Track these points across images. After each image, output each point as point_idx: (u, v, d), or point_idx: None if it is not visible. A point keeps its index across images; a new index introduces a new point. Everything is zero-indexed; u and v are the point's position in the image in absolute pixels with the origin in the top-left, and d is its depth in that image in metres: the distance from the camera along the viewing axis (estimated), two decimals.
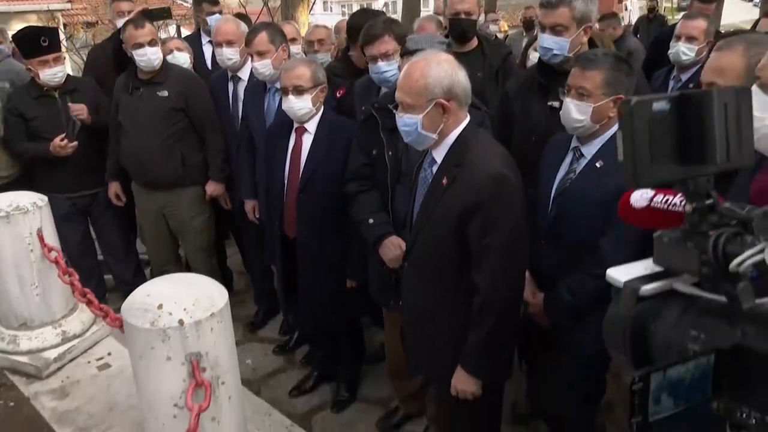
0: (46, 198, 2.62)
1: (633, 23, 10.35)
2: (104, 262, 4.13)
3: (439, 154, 2.03)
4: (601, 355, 2.29)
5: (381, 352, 3.24)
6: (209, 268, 3.74)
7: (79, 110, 3.52)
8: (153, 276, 3.98)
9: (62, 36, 4.10)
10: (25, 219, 2.51)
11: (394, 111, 2.06)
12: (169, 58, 3.76)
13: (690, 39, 3.42)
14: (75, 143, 3.50)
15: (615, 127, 2.14)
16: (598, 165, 2.11)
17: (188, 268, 4.06)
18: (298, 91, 2.71)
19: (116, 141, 3.60)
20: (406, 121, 1.98)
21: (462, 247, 1.96)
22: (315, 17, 15.14)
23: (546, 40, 2.49)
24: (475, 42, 3.27)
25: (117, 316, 2.28)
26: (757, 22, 4.45)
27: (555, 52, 2.48)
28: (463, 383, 2.02)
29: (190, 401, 1.63)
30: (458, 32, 3.23)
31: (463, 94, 1.96)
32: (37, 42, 3.41)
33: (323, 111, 2.84)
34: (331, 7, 35.92)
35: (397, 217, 2.52)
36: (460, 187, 1.93)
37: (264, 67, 3.15)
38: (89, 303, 2.42)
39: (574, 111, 2.10)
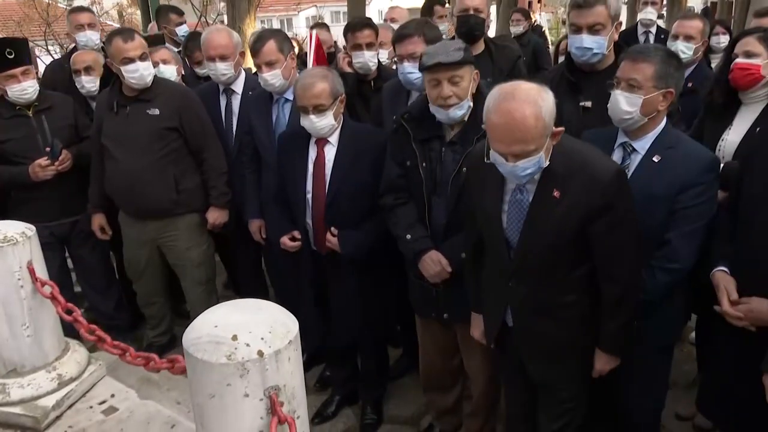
0: (33, 227, 2.36)
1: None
2: (81, 295, 3.79)
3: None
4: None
5: (397, 367, 3.14)
6: (208, 305, 3.43)
7: (64, 160, 3.24)
8: (140, 309, 3.68)
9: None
10: (14, 251, 2.26)
11: (493, 162, 1.94)
12: (161, 69, 3.51)
13: (688, 38, 3.53)
14: (58, 165, 3.20)
15: (664, 121, 2.16)
16: (655, 159, 2.14)
17: (178, 301, 3.78)
18: (320, 110, 2.57)
19: (99, 166, 3.28)
20: (526, 166, 1.88)
21: (576, 248, 1.99)
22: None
23: (585, 40, 2.47)
24: (482, 46, 3.21)
25: (140, 353, 2.07)
26: None
27: (595, 51, 2.47)
28: (605, 363, 2.15)
29: None
30: (466, 30, 3.15)
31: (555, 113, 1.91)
32: (1, 54, 3.06)
33: (343, 119, 2.72)
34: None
35: (434, 228, 2.45)
36: (577, 192, 1.91)
37: (274, 77, 2.98)
38: (100, 341, 2.17)
39: (624, 103, 2.11)
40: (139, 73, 3.07)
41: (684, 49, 3.51)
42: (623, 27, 3.80)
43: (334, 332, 2.93)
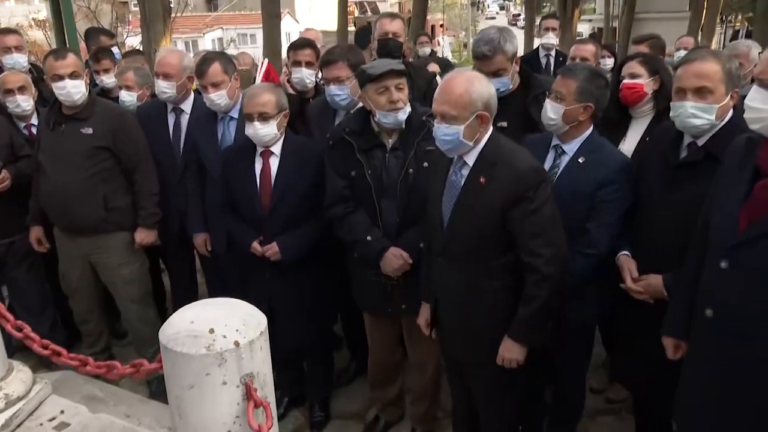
0: None
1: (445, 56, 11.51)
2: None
3: (470, 158, 2.25)
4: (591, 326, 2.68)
5: (346, 374, 3.30)
6: (145, 322, 3.46)
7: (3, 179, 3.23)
8: (77, 326, 3.62)
9: None
10: None
11: (431, 121, 2.27)
12: (121, 94, 3.56)
13: (583, 60, 3.98)
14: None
15: (590, 129, 2.52)
16: (580, 161, 2.48)
17: (112, 319, 3.74)
18: (264, 117, 2.74)
19: (38, 181, 3.28)
20: (446, 131, 2.18)
21: (501, 233, 2.20)
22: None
23: (493, 82, 2.70)
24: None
25: (102, 363, 2.14)
26: None
27: (501, 89, 2.78)
28: (509, 351, 2.26)
29: (253, 422, 1.60)
30: (386, 52, 3.45)
31: (495, 106, 2.22)
32: None
33: (285, 133, 2.90)
34: None
35: (387, 229, 2.67)
36: (501, 181, 2.17)
37: (220, 98, 3.11)
38: (56, 354, 2.21)
39: (550, 110, 2.48)
40: (67, 90, 3.11)
41: None
42: (521, 53, 4.22)
43: (279, 337, 3.05)
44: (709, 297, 1.91)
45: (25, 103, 3.55)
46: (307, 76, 3.49)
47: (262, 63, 3.92)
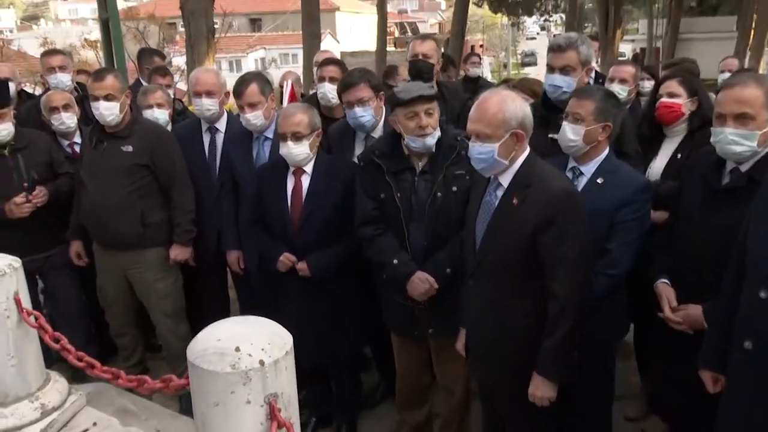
0: (19, 259, 2.44)
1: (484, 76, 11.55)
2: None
3: (505, 179, 2.24)
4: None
5: (374, 395, 3.28)
6: (177, 337, 3.51)
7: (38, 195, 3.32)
8: (113, 339, 3.71)
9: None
10: (2, 282, 2.33)
11: (467, 141, 2.28)
12: (147, 113, 3.64)
13: (622, 81, 3.91)
14: (33, 200, 3.28)
15: (607, 149, 2.48)
16: (599, 181, 2.45)
17: (148, 333, 3.82)
18: (297, 137, 2.79)
19: (79, 197, 3.39)
20: (482, 150, 2.18)
21: (531, 257, 2.17)
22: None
23: (557, 79, 2.79)
24: (435, 88, 3.50)
25: (134, 377, 2.17)
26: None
27: (564, 89, 2.77)
28: (541, 390, 2.21)
29: None
30: (415, 73, 3.46)
31: (530, 126, 2.21)
32: None
33: (317, 152, 2.95)
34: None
35: (414, 252, 2.66)
36: (532, 203, 2.15)
37: (256, 118, 3.17)
38: (90, 367, 2.26)
39: (570, 132, 2.45)
40: (99, 111, 3.22)
41: (619, 91, 3.85)
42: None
43: (305, 353, 3.06)
44: (749, 328, 1.84)
45: (69, 120, 3.68)
46: (329, 90, 3.53)
47: (286, 84, 4.03)
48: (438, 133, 2.59)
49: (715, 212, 2.24)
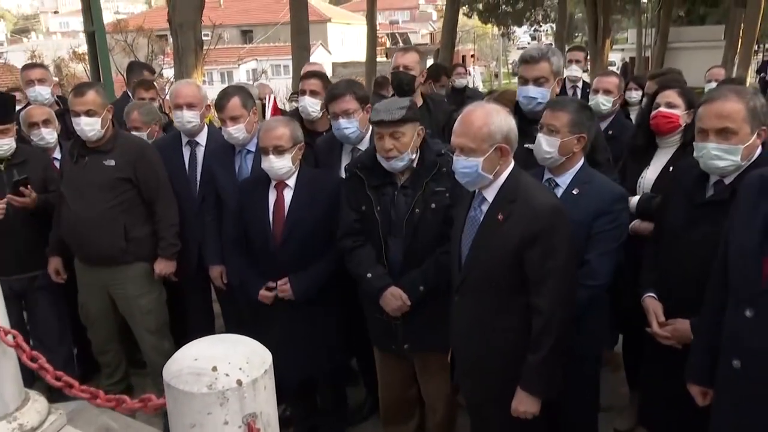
0: None
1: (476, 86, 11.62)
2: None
3: (490, 194, 2.22)
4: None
5: (360, 411, 3.24)
6: (161, 353, 3.42)
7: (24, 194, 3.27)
8: (95, 357, 3.66)
9: None
10: None
11: (451, 154, 2.25)
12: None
13: (607, 92, 3.91)
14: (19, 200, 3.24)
15: (582, 160, 2.48)
16: (574, 192, 2.44)
17: (132, 349, 3.76)
18: (279, 151, 2.77)
19: (59, 213, 3.34)
20: (466, 164, 2.16)
21: (516, 272, 2.14)
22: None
23: (531, 90, 2.79)
24: (420, 100, 3.50)
25: (113, 396, 2.12)
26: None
27: (539, 100, 2.78)
28: (524, 404, 2.18)
29: None
30: (396, 84, 3.49)
31: (515, 140, 2.20)
32: None
33: (300, 165, 2.92)
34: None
35: (391, 266, 2.65)
36: (518, 219, 2.13)
37: (238, 131, 3.15)
38: (68, 386, 2.21)
39: (545, 144, 2.44)
40: (80, 127, 3.19)
41: (604, 102, 3.90)
42: None
43: (289, 368, 3.02)
44: (736, 346, 1.82)
45: (48, 136, 3.64)
46: (309, 104, 3.51)
47: (269, 98, 4.04)
48: (409, 156, 2.56)
49: (699, 225, 2.23)
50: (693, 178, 2.29)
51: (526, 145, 2.56)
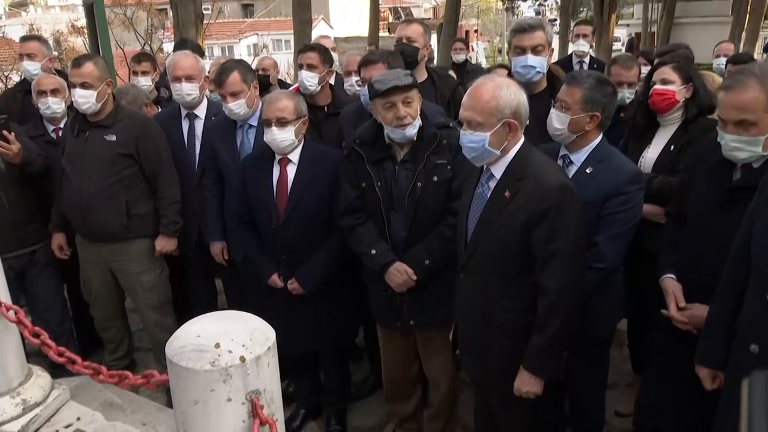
0: None
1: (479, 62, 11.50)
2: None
3: (498, 170, 2.17)
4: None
5: (363, 386, 3.23)
6: (163, 329, 3.42)
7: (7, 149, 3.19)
8: (98, 333, 3.66)
9: None
10: None
11: (458, 128, 2.19)
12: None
13: (630, 84, 3.65)
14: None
15: (599, 137, 2.40)
16: (588, 171, 2.38)
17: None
18: (282, 123, 2.72)
19: (61, 187, 3.30)
20: (473, 138, 2.11)
21: (523, 252, 2.10)
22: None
23: (530, 59, 2.75)
24: (425, 74, 3.44)
25: (115, 372, 2.12)
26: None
27: (538, 69, 2.74)
28: (526, 384, 2.16)
29: None
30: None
31: (525, 115, 2.13)
32: None
33: (304, 141, 2.86)
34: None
35: (394, 242, 2.61)
36: (525, 197, 2.08)
37: (239, 107, 3.09)
38: (71, 362, 2.20)
39: (555, 120, 2.39)
40: (75, 99, 3.16)
41: (628, 95, 3.66)
42: (555, 58, 4.11)
43: (293, 343, 3.02)
44: (755, 331, 1.77)
45: (55, 105, 3.57)
46: (306, 78, 3.45)
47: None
48: (418, 122, 2.52)
49: (730, 208, 2.11)
50: (718, 159, 2.17)
51: None
